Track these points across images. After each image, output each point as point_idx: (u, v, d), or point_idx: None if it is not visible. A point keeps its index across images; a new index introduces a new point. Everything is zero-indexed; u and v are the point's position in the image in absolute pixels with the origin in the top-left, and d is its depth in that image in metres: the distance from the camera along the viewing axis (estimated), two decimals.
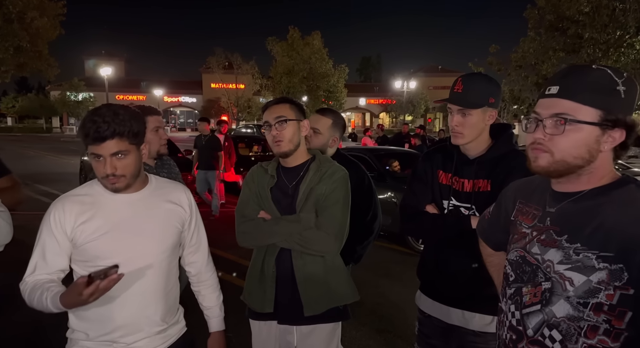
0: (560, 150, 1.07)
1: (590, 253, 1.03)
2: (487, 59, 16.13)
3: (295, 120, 1.87)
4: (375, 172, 6.65)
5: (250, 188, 1.97)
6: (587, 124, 1.04)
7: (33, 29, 18.77)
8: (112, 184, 1.42)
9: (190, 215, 1.67)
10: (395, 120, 48.49)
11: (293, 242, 1.82)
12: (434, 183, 1.91)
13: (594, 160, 1.07)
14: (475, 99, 1.74)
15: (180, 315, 1.70)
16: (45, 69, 20.62)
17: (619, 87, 1.03)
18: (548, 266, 1.11)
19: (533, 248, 1.16)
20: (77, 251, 1.46)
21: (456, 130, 1.77)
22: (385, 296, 4.42)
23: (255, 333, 2.01)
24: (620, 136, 1.05)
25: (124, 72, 60.02)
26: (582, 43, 13.59)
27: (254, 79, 39.64)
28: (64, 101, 44.79)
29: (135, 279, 1.48)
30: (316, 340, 1.93)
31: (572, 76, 1.08)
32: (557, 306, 1.08)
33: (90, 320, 1.48)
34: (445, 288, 1.87)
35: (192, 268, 1.75)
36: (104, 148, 1.38)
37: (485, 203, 1.75)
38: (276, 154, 1.90)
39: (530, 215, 1.22)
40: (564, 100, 1.06)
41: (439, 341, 1.93)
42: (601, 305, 1.02)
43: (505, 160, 1.77)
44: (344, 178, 1.93)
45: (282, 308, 1.89)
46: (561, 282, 1.07)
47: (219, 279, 1.85)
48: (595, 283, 1.02)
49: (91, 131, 1.35)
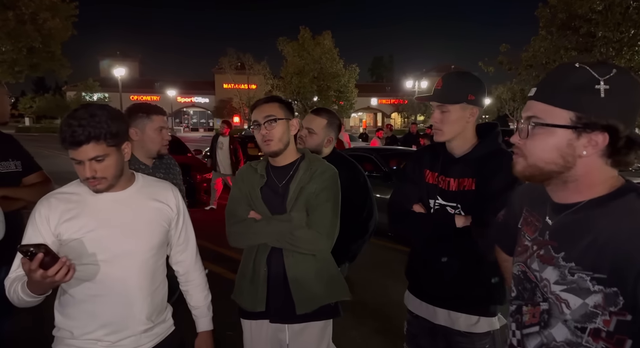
0: (531, 154, 1.03)
1: (584, 274, 0.96)
2: (498, 58, 15.95)
3: (284, 119, 1.88)
4: (382, 171, 6.65)
5: (240, 188, 1.98)
6: (555, 127, 0.98)
7: (45, 29, 19.03)
8: (94, 186, 1.44)
9: (177, 214, 1.68)
10: (407, 120, 48.21)
11: (284, 242, 1.83)
12: (421, 183, 1.92)
13: (571, 166, 0.99)
14: (452, 95, 1.76)
15: (168, 314, 1.70)
16: (58, 69, 20.97)
17: (599, 86, 0.94)
18: (545, 285, 1.04)
19: (533, 263, 1.09)
20: (62, 249, 1.47)
21: (436, 127, 1.81)
22: (388, 296, 4.40)
23: (246, 332, 2.02)
24: (604, 140, 0.95)
25: (138, 72, 60.73)
26: (594, 42, 13.38)
27: (265, 79, 39.76)
28: (79, 101, 45.39)
29: (121, 277, 1.49)
30: (308, 338, 1.94)
31: (550, 77, 1.03)
32: (556, 329, 1.01)
33: (75, 318, 1.49)
34: (432, 288, 1.88)
35: (179, 267, 1.77)
36: (81, 153, 1.37)
37: (470, 202, 1.77)
38: (265, 153, 1.92)
39: (532, 226, 1.15)
40: (537, 103, 1.02)
41: (427, 341, 1.94)
42: (599, 331, 0.94)
43: (490, 159, 1.77)
44: (334, 177, 1.93)
45: (274, 307, 1.90)
46: (558, 304, 1.01)
47: (223, 278, 1.86)
48: (591, 307, 0.94)
49: (67, 135, 1.34)
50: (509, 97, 18.59)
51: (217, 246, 5.20)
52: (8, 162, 2.30)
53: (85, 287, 1.48)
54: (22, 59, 18.96)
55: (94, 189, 1.45)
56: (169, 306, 1.72)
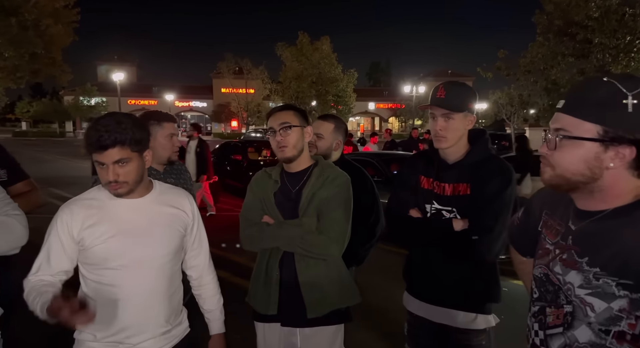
0: (559, 165, 1.06)
1: (609, 279, 0.99)
2: (496, 63, 16.07)
3: (299, 127, 1.93)
4: (383, 176, 6.70)
5: (254, 193, 2.03)
6: (583, 140, 1.01)
7: (47, 36, 19.07)
8: (115, 190, 1.49)
9: (193, 220, 1.72)
10: (404, 124, 48.36)
11: (295, 246, 1.87)
12: (417, 188, 1.98)
13: (598, 177, 1.02)
14: (457, 103, 1.83)
15: (184, 316, 1.74)
16: (59, 75, 20.96)
17: (627, 101, 0.97)
18: (569, 289, 1.07)
19: (555, 267, 1.13)
20: (84, 254, 1.52)
21: (440, 134, 1.85)
22: (394, 299, 4.40)
23: (259, 335, 2.05)
24: (630, 153, 0.99)
25: (136, 77, 60.62)
26: (591, 48, 13.50)
27: (263, 84, 39.82)
28: (77, 106, 45.40)
29: (141, 281, 1.54)
30: (319, 342, 1.97)
31: (577, 90, 1.07)
32: (579, 331, 1.05)
33: (97, 321, 1.50)
34: (431, 288, 1.93)
35: (193, 271, 1.80)
36: (106, 156, 1.44)
37: (465, 207, 1.83)
38: (280, 159, 1.96)
39: (553, 230, 1.18)
40: (566, 116, 1.05)
41: (428, 340, 1.99)
42: (624, 333, 0.98)
43: (483, 165, 1.84)
44: (345, 184, 1.98)
45: (286, 310, 1.93)
46: (582, 307, 1.04)
47: (229, 282, 1.90)
48: (616, 311, 0.98)
49: (94, 140, 1.41)
50: (506, 102, 18.69)
51: (221, 251, 5.23)
52: None
53: (107, 291, 1.52)
54: (24, 64, 18.97)
55: (115, 193, 1.50)
56: (184, 308, 1.76)
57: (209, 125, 56.81)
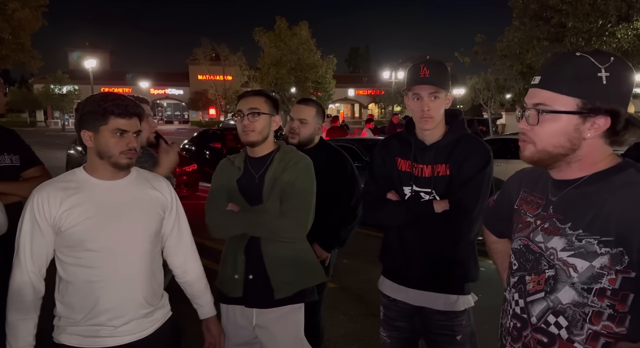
0: (540, 140, 1.10)
1: (592, 238, 1.04)
2: (473, 48, 16.17)
3: (267, 114, 1.95)
4: (363, 161, 6.74)
5: (218, 181, 2.05)
6: (564, 113, 1.06)
7: (15, 20, 18.24)
8: (129, 159, 1.52)
9: (171, 203, 1.71)
10: (384, 111, 48.52)
11: (261, 231, 1.90)
12: (392, 171, 1.97)
13: (577, 148, 1.08)
14: (443, 81, 1.82)
15: (166, 300, 1.74)
16: (29, 62, 20.14)
17: (601, 74, 1.02)
18: (552, 254, 1.12)
19: (537, 236, 1.17)
20: (61, 236, 1.49)
21: (428, 114, 1.81)
22: (373, 282, 4.47)
23: (223, 316, 2.05)
24: (605, 123, 1.05)
25: (109, 64, 59.12)
26: (565, 32, 13.69)
27: (241, 71, 39.24)
28: (47, 94, 43.87)
29: (121, 262, 1.52)
30: (286, 322, 1.99)
31: (552, 66, 1.10)
32: (562, 293, 1.09)
33: (77, 305, 1.51)
34: (409, 271, 1.92)
35: (176, 258, 1.78)
36: (132, 123, 1.52)
37: (444, 187, 1.84)
38: (244, 142, 1.98)
39: (534, 204, 1.22)
40: (543, 91, 1.09)
41: (404, 323, 1.99)
42: (604, 290, 1.03)
43: (460, 145, 1.85)
44: (307, 167, 1.99)
45: (252, 292, 1.95)
46: (565, 269, 1.08)
47: (210, 269, 1.89)
48: (597, 268, 1.03)
49: (121, 108, 1.48)
50: (482, 87, 18.89)
51: (200, 238, 5.20)
52: (3, 156, 2.30)
53: (86, 274, 1.50)
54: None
55: (128, 162, 1.53)
56: (165, 292, 1.75)
57: (185, 113, 55.90)
